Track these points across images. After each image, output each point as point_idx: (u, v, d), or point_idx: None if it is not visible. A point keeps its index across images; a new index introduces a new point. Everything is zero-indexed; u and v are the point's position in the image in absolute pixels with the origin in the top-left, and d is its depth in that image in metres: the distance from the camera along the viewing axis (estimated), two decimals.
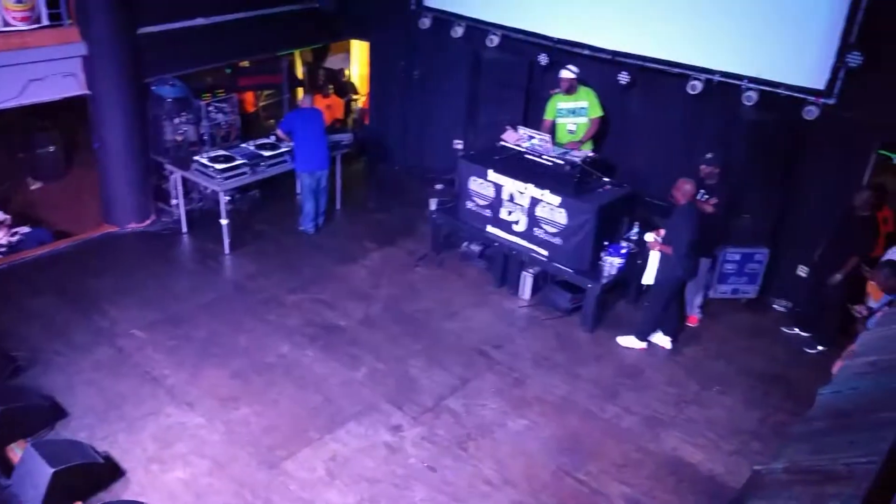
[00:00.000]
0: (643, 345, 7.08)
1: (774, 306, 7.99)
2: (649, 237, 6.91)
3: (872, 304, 5.90)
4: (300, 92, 11.00)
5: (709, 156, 7.03)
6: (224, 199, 8.33)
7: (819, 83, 6.98)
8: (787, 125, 7.25)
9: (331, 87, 11.37)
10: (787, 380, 6.87)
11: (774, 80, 7.22)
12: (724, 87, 7.54)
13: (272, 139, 8.90)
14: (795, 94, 7.11)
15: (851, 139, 7.05)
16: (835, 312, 7.05)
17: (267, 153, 8.58)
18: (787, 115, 7.20)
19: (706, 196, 7.10)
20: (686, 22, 7.70)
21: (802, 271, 7.65)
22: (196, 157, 8.36)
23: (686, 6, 7.67)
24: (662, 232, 6.92)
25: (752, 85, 7.31)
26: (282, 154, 8.64)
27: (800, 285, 7.66)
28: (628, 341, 7.11)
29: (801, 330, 7.51)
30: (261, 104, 11.15)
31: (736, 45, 7.43)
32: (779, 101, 7.24)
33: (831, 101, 6.94)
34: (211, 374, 6.53)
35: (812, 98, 7.00)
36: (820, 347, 7.26)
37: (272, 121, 10.90)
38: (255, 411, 6.14)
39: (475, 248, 8.41)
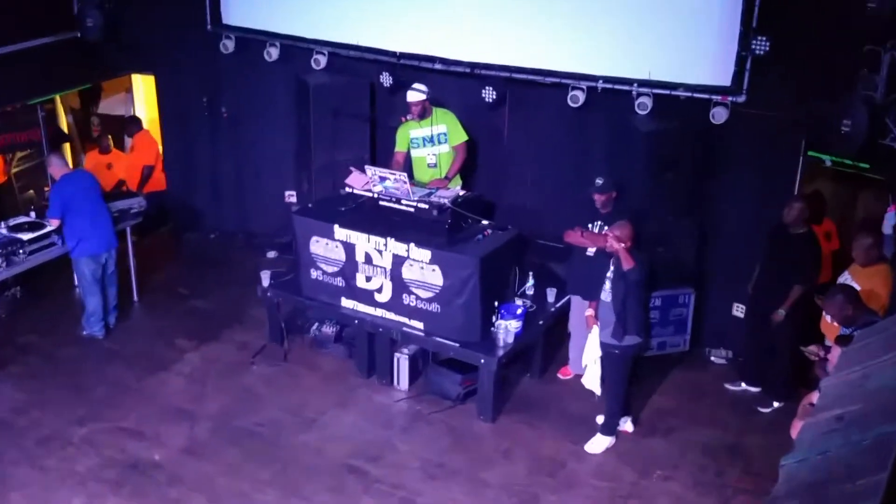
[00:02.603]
0: (612, 439, 7.05)
1: (712, 358, 8.20)
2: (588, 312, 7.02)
3: (829, 342, 6.06)
4: (67, 149, 10.58)
5: (599, 181, 7.14)
6: None
7: (724, 79, 7.31)
8: (693, 133, 7.57)
9: (110, 138, 11.03)
10: (743, 450, 7.02)
11: (670, 81, 7.51)
12: (611, 96, 7.78)
13: (32, 216, 8.50)
14: (697, 95, 7.42)
15: (773, 142, 7.43)
16: (785, 358, 7.24)
17: (27, 236, 8.16)
18: (690, 121, 7.51)
19: (605, 227, 7.13)
20: (557, 22, 7.95)
21: (739, 310, 7.90)
22: None
23: (554, 3, 7.96)
24: (592, 309, 7.01)
25: (643, 89, 7.55)
26: (48, 235, 8.28)
27: (738, 328, 7.87)
28: (596, 445, 6.97)
29: (748, 384, 7.71)
30: (13, 170, 10.62)
31: (619, 45, 7.72)
32: (678, 105, 7.54)
33: (741, 99, 7.29)
34: None
35: (718, 98, 7.32)
36: (775, 404, 7.46)
37: (31, 191, 10.42)
38: None
39: (329, 329, 8.30)
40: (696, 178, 7.78)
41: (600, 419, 7.18)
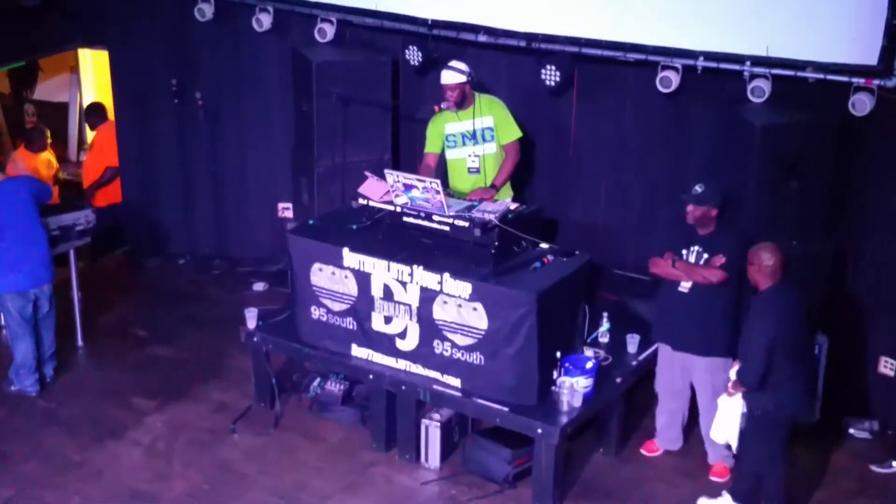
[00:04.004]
0: None
1: (852, 431, 8.09)
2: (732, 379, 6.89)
3: None
4: None
5: (697, 189, 7.10)
6: None
7: (868, 57, 7.17)
8: (826, 128, 7.50)
9: (48, 132, 11.09)
10: None
11: (795, 59, 7.45)
12: (715, 77, 7.77)
13: None
14: (832, 78, 7.33)
15: None
16: None
17: None
18: (822, 111, 7.46)
19: (704, 254, 7.21)
20: None
21: (888, 367, 7.81)
22: None
23: None
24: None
25: (759, 69, 7.52)
26: None
27: (888, 391, 7.79)
28: None
29: None
30: None
31: (726, 10, 7.66)
32: (806, 90, 7.49)
33: (891, 83, 7.15)
34: None
35: (860, 81, 7.21)
36: None
37: None
38: None
39: (335, 387, 8.24)
40: (830, 188, 7.69)
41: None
